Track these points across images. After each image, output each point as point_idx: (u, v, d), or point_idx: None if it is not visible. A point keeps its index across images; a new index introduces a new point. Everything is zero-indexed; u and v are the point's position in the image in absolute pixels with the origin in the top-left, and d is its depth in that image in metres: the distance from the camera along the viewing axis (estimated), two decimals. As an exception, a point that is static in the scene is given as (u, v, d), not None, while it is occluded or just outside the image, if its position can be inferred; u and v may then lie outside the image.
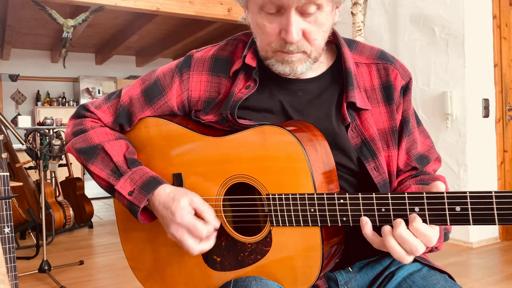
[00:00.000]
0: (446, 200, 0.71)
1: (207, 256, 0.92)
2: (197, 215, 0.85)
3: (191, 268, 0.95)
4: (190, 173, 0.93)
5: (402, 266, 0.91)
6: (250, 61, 0.91)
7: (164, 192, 0.88)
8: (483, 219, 0.69)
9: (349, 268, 0.93)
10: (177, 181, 0.94)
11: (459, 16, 3.36)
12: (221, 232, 0.88)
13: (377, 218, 0.76)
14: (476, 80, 3.40)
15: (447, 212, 0.71)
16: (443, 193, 0.71)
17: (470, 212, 0.70)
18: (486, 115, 3.44)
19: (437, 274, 0.88)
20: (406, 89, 0.94)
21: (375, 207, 0.76)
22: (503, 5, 3.50)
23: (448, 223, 0.71)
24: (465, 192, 0.70)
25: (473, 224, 0.71)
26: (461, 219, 0.71)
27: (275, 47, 0.84)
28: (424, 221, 0.73)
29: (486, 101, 3.44)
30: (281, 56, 0.84)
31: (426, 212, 0.72)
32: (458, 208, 0.70)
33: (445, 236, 0.86)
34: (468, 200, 0.69)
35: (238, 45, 0.97)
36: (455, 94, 3.41)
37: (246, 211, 0.88)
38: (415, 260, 0.90)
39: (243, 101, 0.91)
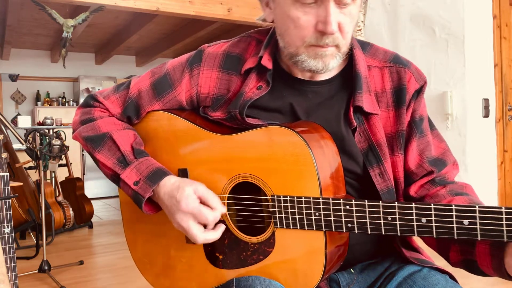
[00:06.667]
0: (454, 213, 0.70)
1: (209, 253, 0.92)
2: (203, 203, 0.85)
3: (192, 263, 0.95)
4: (195, 169, 0.93)
5: (402, 266, 0.90)
6: (266, 62, 0.90)
7: (169, 182, 0.87)
8: (491, 235, 0.68)
9: (351, 269, 0.93)
10: (183, 176, 0.94)
11: (459, 16, 3.36)
12: (224, 230, 0.88)
13: (382, 226, 0.75)
14: (476, 80, 3.40)
15: (454, 225, 0.70)
16: (451, 205, 0.70)
17: (478, 226, 0.68)
18: (486, 115, 3.44)
19: (438, 274, 0.87)
20: (419, 92, 0.91)
21: (381, 216, 0.74)
22: (503, 5, 3.50)
23: (455, 236, 0.70)
24: (474, 206, 0.69)
25: (480, 239, 0.69)
26: (468, 233, 0.69)
27: (309, 41, 0.81)
28: (431, 232, 0.72)
29: (486, 101, 3.44)
30: (314, 50, 0.82)
31: (433, 224, 0.71)
32: (466, 222, 0.69)
33: None
34: (477, 215, 0.68)
35: (251, 43, 0.96)
36: (455, 94, 3.40)
37: (251, 210, 0.87)
38: (415, 263, 0.90)
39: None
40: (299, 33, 0.81)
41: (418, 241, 0.97)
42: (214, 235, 0.85)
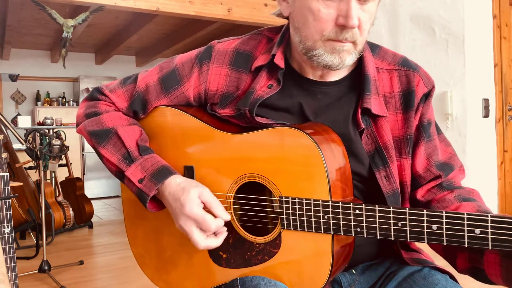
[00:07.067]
0: (466, 222, 0.69)
1: (212, 251, 0.91)
2: (206, 209, 0.84)
3: (194, 260, 0.94)
4: (202, 167, 0.92)
5: (403, 266, 0.90)
6: (279, 61, 0.89)
7: (175, 183, 0.87)
8: (502, 245, 0.67)
9: (353, 270, 0.93)
10: (188, 174, 0.93)
11: (459, 16, 3.36)
12: (229, 229, 0.88)
13: (392, 232, 0.74)
14: (476, 80, 3.40)
15: (465, 234, 0.69)
16: (463, 214, 0.69)
17: (490, 236, 0.68)
18: (486, 115, 3.44)
19: (438, 274, 0.87)
20: (427, 96, 0.91)
21: (392, 221, 0.74)
22: (503, 5, 3.50)
23: (466, 245, 0.70)
24: (487, 215, 0.68)
25: (491, 248, 0.69)
26: (479, 242, 0.69)
27: (328, 34, 0.81)
28: (441, 240, 0.71)
29: (486, 101, 3.44)
30: (331, 45, 0.81)
31: (444, 231, 0.71)
32: (477, 231, 0.69)
33: None
34: (489, 224, 0.68)
35: (261, 40, 0.96)
36: (455, 94, 3.40)
37: (257, 211, 0.87)
38: (415, 264, 0.90)
39: None
40: (319, 26, 0.81)
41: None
42: (215, 242, 0.84)
